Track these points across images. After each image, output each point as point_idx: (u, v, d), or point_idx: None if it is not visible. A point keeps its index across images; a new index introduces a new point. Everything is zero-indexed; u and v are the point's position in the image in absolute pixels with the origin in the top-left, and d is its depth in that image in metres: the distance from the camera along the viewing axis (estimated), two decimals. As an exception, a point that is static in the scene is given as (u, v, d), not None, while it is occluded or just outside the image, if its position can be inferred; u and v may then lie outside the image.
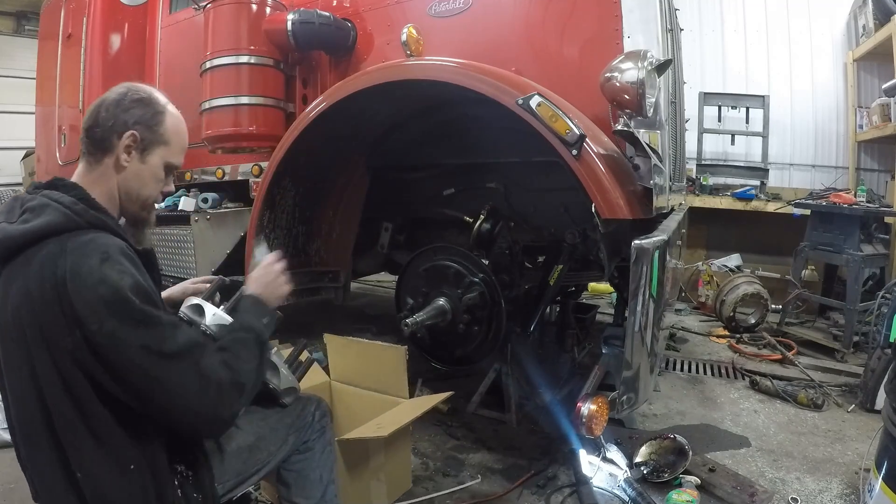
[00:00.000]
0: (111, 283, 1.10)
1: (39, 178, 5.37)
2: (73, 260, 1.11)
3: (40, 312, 1.11)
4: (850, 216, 4.08)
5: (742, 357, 3.95)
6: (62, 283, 1.09)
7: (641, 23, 2.36)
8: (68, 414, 1.14)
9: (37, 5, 5.89)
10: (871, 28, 5.43)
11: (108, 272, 1.11)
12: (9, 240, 1.16)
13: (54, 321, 1.10)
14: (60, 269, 1.10)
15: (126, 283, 1.12)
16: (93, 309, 1.08)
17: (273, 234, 2.82)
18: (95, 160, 1.28)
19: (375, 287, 5.98)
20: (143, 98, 1.30)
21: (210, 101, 3.11)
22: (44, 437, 1.17)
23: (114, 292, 1.10)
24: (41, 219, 1.16)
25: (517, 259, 2.75)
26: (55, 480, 1.19)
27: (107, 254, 1.13)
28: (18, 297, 1.13)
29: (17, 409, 1.20)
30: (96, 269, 1.10)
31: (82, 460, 1.16)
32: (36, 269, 1.12)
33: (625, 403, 1.92)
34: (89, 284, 1.09)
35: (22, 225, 1.17)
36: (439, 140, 2.83)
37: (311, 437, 1.62)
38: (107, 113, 1.27)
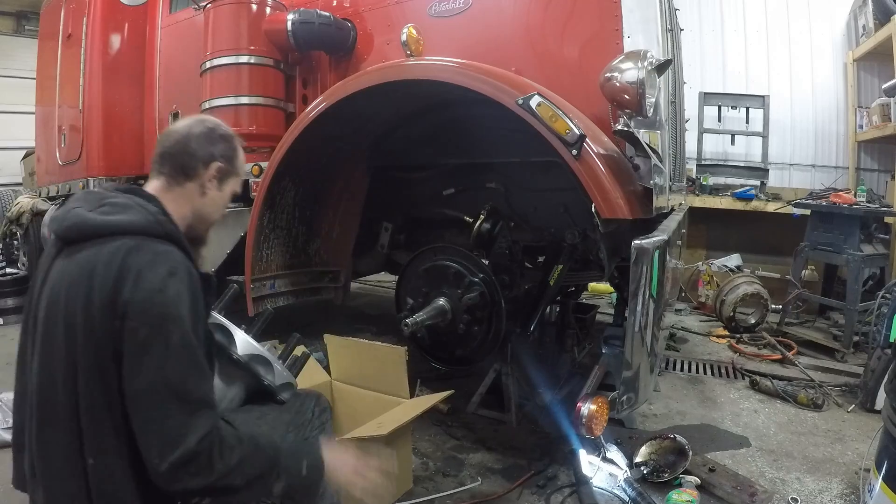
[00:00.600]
0: (169, 296, 1.15)
1: (39, 178, 5.39)
2: (145, 261, 1.17)
3: (95, 296, 1.14)
4: (850, 216, 4.08)
5: (742, 357, 3.95)
6: (125, 276, 1.14)
7: (641, 23, 2.36)
8: (97, 399, 1.15)
9: (37, 5, 5.89)
10: (871, 28, 5.43)
11: (170, 285, 1.16)
12: (85, 225, 1.22)
13: (104, 307, 1.14)
14: (128, 263, 1.16)
15: (183, 305, 1.17)
16: (141, 308, 1.13)
17: (273, 233, 2.82)
18: (177, 182, 1.39)
19: (375, 287, 5.98)
20: (226, 135, 1.46)
21: (210, 101, 3.11)
22: (64, 418, 1.17)
23: (167, 306, 1.15)
24: (125, 215, 1.24)
25: (517, 259, 2.75)
26: (62, 464, 1.19)
27: (175, 269, 1.19)
28: (80, 278, 1.17)
29: (43, 387, 1.20)
30: (162, 277, 1.16)
31: (98, 448, 1.16)
32: (106, 256, 1.17)
33: (625, 403, 1.92)
34: (149, 288, 1.14)
35: (102, 216, 1.23)
36: (439, 140, 2.83)
37: (311, 434, 1.61)
38: (196, 145, 1.40)
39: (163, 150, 1.39)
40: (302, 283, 3.04)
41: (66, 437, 1.18)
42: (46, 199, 5.58)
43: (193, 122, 1.43)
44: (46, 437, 1.22)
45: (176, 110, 3.94)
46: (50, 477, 1.23)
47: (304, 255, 3.04)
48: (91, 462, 1.16)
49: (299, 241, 2.99)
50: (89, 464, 1.17)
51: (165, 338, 1.13)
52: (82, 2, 4.25)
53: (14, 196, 7.12)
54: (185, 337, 1.16)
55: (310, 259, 3.08)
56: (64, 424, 1.18)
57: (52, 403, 1.19)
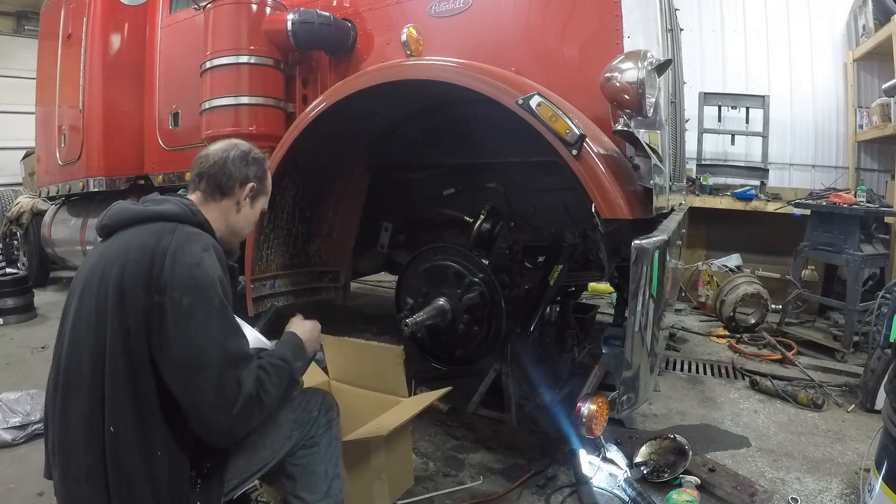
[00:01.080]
0: (206, 267, 1.27)
1: (39, 178, 5.39)
2: (180, 239, 1.30)
3: (130, 267, 1.26)
4: (850, 216, 4.08)
5: (742, 357, 3.95)
6: (162, 252, 1.26)
7: (641, 23, 2.36)
8: (122, 367, 1.23)
9: (37, 5, 5.89)
10: (871, 28, 5.43)
11: (206, 259, 1.29)
12: (131, 214, 1.38)
13: (138, 279, 1.24)
14: (165, 241, 1.29)
15: (217, 274, 1.29)
16: (182, 281, 1.24)
17: (273, 234, 2.82)
18: (213, 198, 1.53)
19: (375, 287, 5.98)
20: (259, 158, 1.61)
21: (210, 101, 3.11)
22: (88, 387, 1.24)
23: (205, 274, 1.26)
24: (164, 206, 1.40)
25: (517, 259, 2.75)
26: (82, 434, 1.25)
27: (209, 246, 1.33)
28: (117, 254, 1.30)
29: (70, 357, 1.29)
30: (197, 252, 1.29)
31: (118, 417, 1.22)
32: (144, 235, 1.31)
33: (625, 403, 1.92)
34: (187, 261, 1.26)
35: (143, 206, 1.41)
36: (439, 140, 2.83)
37: (317, 433, 1.62)
38: (233, 167, 1.54)
39: (201, 170, 1.52)
40: (302, 283, 3.04)
41: (87, 407, 1.24)
42: (46, 199, 5.58)
43: (229, 146, 1.57)
44: (68, 410, 1.27)
45: (176, 110, 3.95)
46: (69, 453, 1.27)
47: (304, 255, 3.04)
48: (111, 430, 1.22)
49: (299, 241, 2.99)
50: (109, 432, 1.22)
51: (208, 302, 1.25)
52: (82, 2, 4.25)
53: (14, 196, 7.13)
54: (221, 301, 1.28)
55: (310, 259, 3.08)
56: (88, 395, 1.24)
57: (77, 375, 1.27)
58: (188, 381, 1.22)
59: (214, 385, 1.22)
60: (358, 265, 3.49)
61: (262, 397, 1.29)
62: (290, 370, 1.43)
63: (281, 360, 1.42)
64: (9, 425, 2.60)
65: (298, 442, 1.59)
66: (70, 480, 1.27)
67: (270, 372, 1.35)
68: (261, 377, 1.31)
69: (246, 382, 1.26)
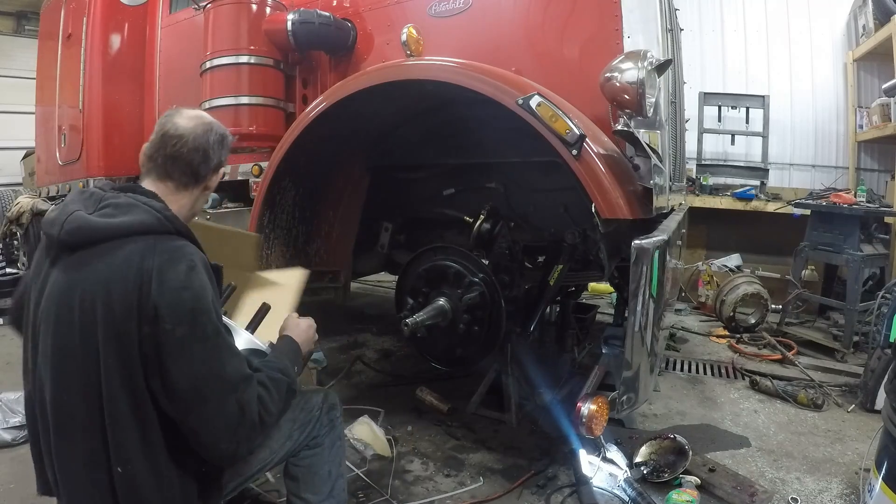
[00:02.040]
0: (195, 291, 1.17)
1: (39, 178, 5.39)
2: (162, 261, 1.17)
3: (117, 304, 1.14)
4: (850, 216, 4.08)
5: (742, 357, 3.95)
6: (147, 280, 1.14)
7: (641, 23, 2.36)
8: (122, 406, 1.15)
9: (37, 5, 5.89)
10: (871, 28, 5.43)
11: (194, 280, 1.18)
12: (92, 230, 1.19)
13: (128, 314, 1.14)
14: (147, 265, 1.15)
15: (208, 296, 1.20)
16: (173, 310, 1.14)
17: (273, 234, 2.82)
18: (184, 185, 1.38)
19: (375, 287, 5.98)
20: (229, 138, 1.47)
21: (210, 101, 3.11)
22: (87, 428, 1.17)
23: (196, 300, 1.17)
24: (131, 216, 1.21)
25: (517, 259, 2.75)
26: (86, 474, 1.19)
27: (194, 263, 1.20)
28: (95, 286, 1.16)
29: (60, 396, 1.19)
30: (184, 274, 1.17)
31: (126, 457, 1.17)
32: (121, 262, 1.16)
33: (625, 403, 1.92)
34: (175, 287, 1.15)
35: (107, 218, 1.21)
36: (439, 140, 2.83)
37: (320, 433, 1.61)
38: (213, 153, 1.40)
39: (175, 153, 1.34)
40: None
41: (88, 449, 1.18)
42: (46, 199, 5.58)
43: (204, 125, 1.40)
44: (65, 450, 1.21)
45: (176, 110, 3.94)
46: (72, 489, 1.22)
47: (304, 255, 3.03)
48: (119, 471, 1.17)
49: (299, 241, 2.98)
50: (117, 472, 1.17)
51: (202, 331, 1.17)
52: (82, 2, 4.25)
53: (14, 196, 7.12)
54: (215, 325, 1.20)
55: (310, 259, 3.07)
56: (86, 437, 1.17)
57: (70, 417, 1.18)
58: (188, 412, 1.17)
59: (215, 414, 1.17)
60: (358, 265, 3.48)
61: (265, 419, 1.25)
62: (288, 382, 1.38)
63: (280, 373, 1.36)
64: (9, 425, 2.60)
65: (301, 442, 1.58)
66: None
67: (271, 388, 1.29)
68: (262, 397, 1.25)
69: (248, 408, 1.20)
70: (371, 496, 2.25)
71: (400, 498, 2.25)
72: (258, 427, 1.23)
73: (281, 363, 1.41)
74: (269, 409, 1.26)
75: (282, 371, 1.38)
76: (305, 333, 1.59)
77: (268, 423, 1.27)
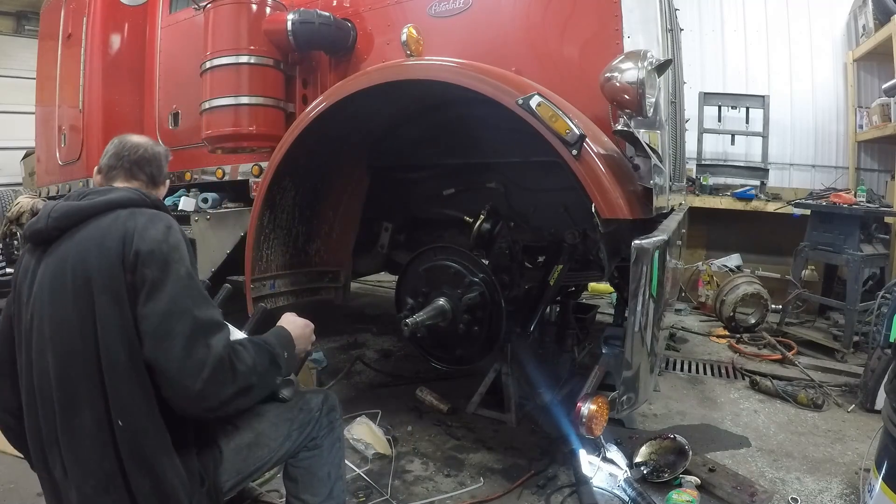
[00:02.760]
0: (172, 244, 1.29)
1: (39, 178, 5.39)
2: (143, 221, 1.30)
3: (106, 256, 1.24)
4: (850, 216, 4.08)
5: (742, 357, 3.95)
6: (129, 236, 1.26)
7: (641, 23, 2.36)
8: (120, 356, 1.22)
9: (37, 5, 5.89)
10: (871, 28, 5.43)
11: (171, 237, 1.30)
12: (78, 210, 1.32)
13: (116, 263, 1.24)
14: (130, 226, 1.28)
15: (183, 251, 1.30)
16: (150, 256, 1.24)
17: (273, 234, 2.82)
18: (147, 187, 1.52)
19: (375, 287, 5.98)
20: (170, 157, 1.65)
21: (210, 101, 3.10)
22: (90, 391, 1.22)
23: (172, 251, 1.27)
24: (112, 195, 1.35)
25: (517, 259, 2.75)
26: (93, 440, 1.23)
27: (171, 224, 1.33)
28: (87, 247, 1.27)
29: (62, 368, 1.24)
30: (162, 231, 1.30)
31: (124, 407, 1.22)
32: (107, 224, 1.29)
33: (625, 403, 1.92)
34: (154, 239, 1.27)
35: (90, 200, 1.33)
36: (439, 140, 2.83)
37: (319, 434, 1.61)
38: (164, 162, 1.58)
39: (139, 157, 1.50)
40: (302, 283, 3.04)
41: (91, 407, 1.22)
42: (46, 199, 5.58)
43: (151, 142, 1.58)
44: (69, 416, 1.24)
45: (176, 110, 3.94)
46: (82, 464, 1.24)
47: (304, 255, 3.04)
48: (120, 424, 1.21)
49: (299, 241, 2.98)
50: (118, 426, 1.21)
51: (175, 273, 1.25)
52: (82, 2, 4.24)
53: (14, 196, 7.11)
54: (188, 271, 1.28)
55: (310, 259, 3.07)
56: (88, 394, 1.22)
57: (73, 378, 1.23)
58: (156, 347, 1.20)
59: (182, 349, 1.19)
60: (358, 265, 3.48)
61: (236, 364, 1.25)
62: (270, 350, 1.39)
63: (262, 342, 1.40)
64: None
65: (300, 444, 1.58)
66: (90, 496, 1.24)
67: (248, 346, 1.33)
68: (235, 347, 1.28)
69: (217, 348, 1.22)
70: (371, 496, 2.25)
71: (400, 498, 2.25)
72: (228, 371, 1.23)
73: (265, 337, 1.45)
74: (243, 359, 1.28)
75: (265, 342, 1.41)
76: (300, 329, 1.59)
77: (241, 373, 1.26)
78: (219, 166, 3.66)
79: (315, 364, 3.34)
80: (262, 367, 1.33)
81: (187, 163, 3.84)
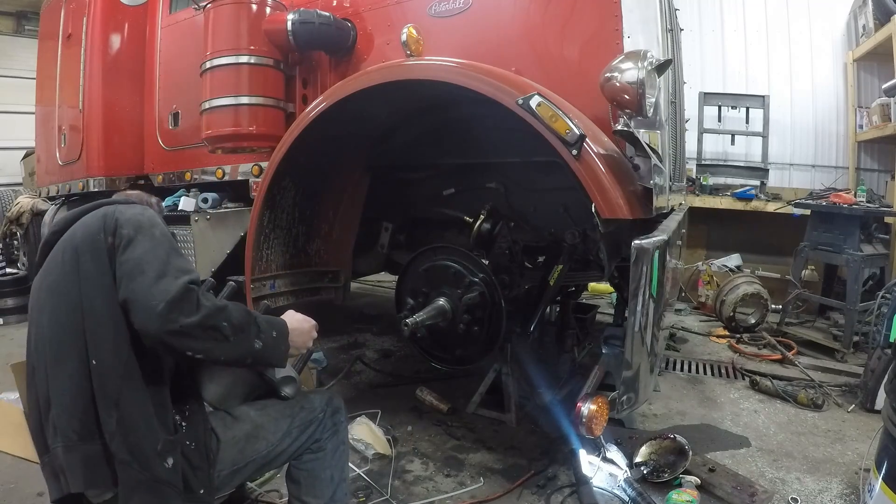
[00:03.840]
0: (150, 218, 1.38)
1: (39, 178, 5.39)
2: (124, 208, 1.40)
3: (89, 227, 1.35)
4: (850, 216, 4.08)
5: (742, 357, 3.95)
6: (111, 215, 1.36)
7: (641, 23, 2.36)
8: (97, 301, 1.28)
9: (37, 5, 5.89)
10: (871, 28, 5.43)
11: (148, 213, 1.41)
12: (75, 213, 1.44)
13: (97, 230, 1.34)
14: (111, 209, 1.39)
15: (161, 224, 1.39)
16: (129, 222, 1.34)
17: (273, 234, 2.82)
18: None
19: (375, 287, 5.98)
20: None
21: (210, 101, 3.10)
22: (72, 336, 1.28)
23: (151, 222, 1.36)
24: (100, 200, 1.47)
25: (517, 259, 2.75)
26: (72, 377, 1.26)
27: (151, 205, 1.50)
28: (73, 230, 1.38)
29: (54, 322, 1.32)
30: (140, 210, 1.41)
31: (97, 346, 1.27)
32: (93, 216, 1.40)
33: (625, 403, 1.92)
34: (133, 212, 1.38)
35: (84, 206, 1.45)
36: (439, 140, 2.83)
37: (323, 436, 1.60)
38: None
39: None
40: (302, 283, 3.04)
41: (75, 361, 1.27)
42: (46, 199, 5.57)
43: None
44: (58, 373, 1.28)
45: (176, 110, 3.94)
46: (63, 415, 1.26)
47: (304, 255, 3.04)
48: (94, 363, 1.26)
49: (299, 241, 2.99)
50: (92, 365, 1.26)
51: (149, 232, 1.34)
52: (82, 2, 4.24)
53: (14, 196, 7.12)
54: (164, 233, 1.37)
55: (310, 259, 3.07)
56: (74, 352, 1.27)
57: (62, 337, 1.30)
58: (129, 284, 1.24)
59: (152, 280, 1.23)
60: (358, 265, 3.48)
61: (202, 300, 1.25)
62: (254, 317, 1.37)
63: (244, 308, 1.38)
64: (9, 425, 2.59)
65: (303, 444, 1.57)
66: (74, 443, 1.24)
67: (225, 300, 1.39)
68: (206, 291, 1.32)
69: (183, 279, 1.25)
70: (371, 496, 2.25)
71: (400, 498, 2.25)
72: (193, 303, 1.24)
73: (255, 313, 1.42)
74: (211, 300, 1.29)
75: (249, 311, 1.39)
76: (299, 324, 1.56)
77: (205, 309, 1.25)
78: (219, 166, 3.66)
79: (315, 364, 3.34)
80: (234, 318, 1.31)
81: (187, 163, 3.85)
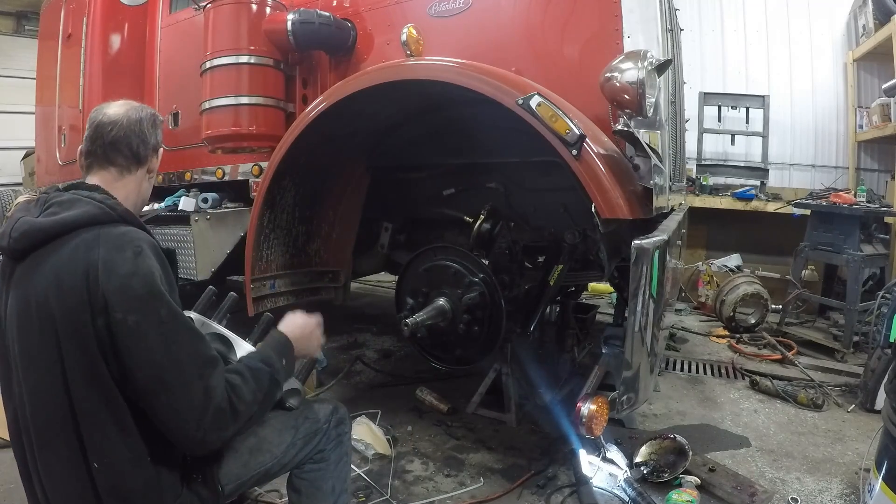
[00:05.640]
0: (143, 277, 1.16)
1: (39, 178, 5.39)
2: (107, 250, 1.16)
3: (68, 297, 1.14)
4: (850, 216, 4.08)
5: (742, 357, 3.95)
6: (94, 271, 1.14)
7: (641, 23, 2.36)
8: (92, 401, 1.16)
9: (37, 5, 5.89)
10: (871, 28, 5.43)
11: (141, 265, 1.17)
12: (38, 231, 1.20)
13: (80, 307, 1.13)
14: (93, 257, 1.15)
15: (157, 280, 1.18)
16: (122, 298, 1.13)
17: (273, 234, 2.82)
18: (128, 170, 1.40)
19: (375, 287, 5.98)
20: (160, 120, 1.52)
21: (210, 101, 3.10)
22: (62, 431, 1.17)
23: (146, 285, 1.16)
24: (74, 210, 1.21)
25: (517, 259, 2.75)
26: (69, 477, 1.19)
27: (140, 248, 1.19)
28: (46, 283, 1.16)
29: (35, 405, 1.20)
30: (130, 261, 1.16)
31: (101, 450, 1.17)
32: (66, 255, 1.17)
33: (625, 403, 1.92)
34: (122, 274, 1.14)
35: (51, 217, 1.22)
36: (439, 140, 2.83)
37: (326, 447, 1.58)
38: (148, 132, 1.43)
39: (113, 138, 1.36)
40: (302, 283, 3.04)
41: (67, 450, 1.18)
42: (46, 199, 5.56)
43: (132, 108, 1.44)
44: (46, 456, 1.21)
45: (176, 110, 3.94)
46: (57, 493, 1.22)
47: (304, 255, 3.04)
48: (96, 466, 1.17)
49: (299, 241, 2.99)
50: (95, 469, 1.17)
51: (155, 316, 1.15)
52: (82, 2, 4.24)
53: (14, 196, 7.11)
54: (170, 308, 1.18)
55: (310, 259, 3.07)
56: (63, 437, 1.17)
57: (47, 419, 1.19)
58: (153, 401, 1.16)
59: (180, 402, 1.15)
60: (358, 265, 3.48)
61: (236, 405, 1.21)
62: (270, 372, 1.33)
63: (261, 363, 1.34)
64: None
65: (306, 454, 1.55)
66: None
67: (246, 375, 1.27)
68: (234, 383, 1.23)
69: (215, 393, 1.17)
70: (371, 496, 2.25)
71: (400, 498, 2.25)
72: (229, 414, 1.19)
73: (263, 353, 1.39)
74: (243, 396, 1.23)
75: (263, 361, 1.35)
76: (301, 330, 1.54)
77: (241, 412, 1.22)
78: (219, 166, 3.65)
79: (315, 364, 3.33)
80: (262, 393, 1.30)
81: (187, 163, 3.84)
